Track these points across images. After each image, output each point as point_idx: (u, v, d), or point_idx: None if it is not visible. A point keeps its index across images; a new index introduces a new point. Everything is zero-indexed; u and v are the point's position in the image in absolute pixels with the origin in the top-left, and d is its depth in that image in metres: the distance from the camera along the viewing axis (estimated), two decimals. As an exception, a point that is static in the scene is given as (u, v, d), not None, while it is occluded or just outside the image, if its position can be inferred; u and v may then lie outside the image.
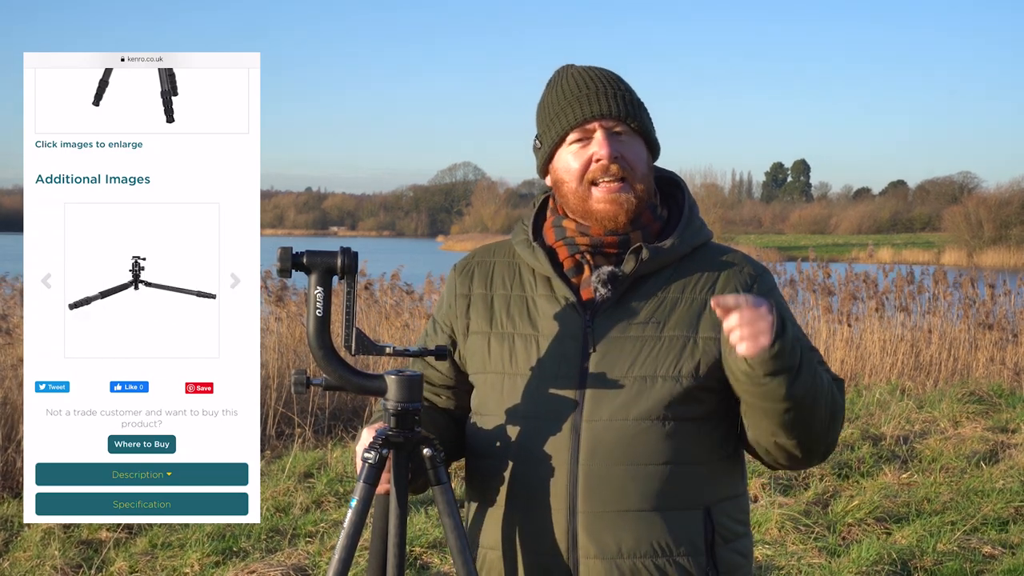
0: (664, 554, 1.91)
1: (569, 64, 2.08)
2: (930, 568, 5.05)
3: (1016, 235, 43.11)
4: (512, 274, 2.09)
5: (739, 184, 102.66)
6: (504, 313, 2.05)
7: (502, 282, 2.09)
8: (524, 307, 2.04)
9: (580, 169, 1.98)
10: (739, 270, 2.03)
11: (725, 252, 2.07)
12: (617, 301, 1.98)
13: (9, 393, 7.03)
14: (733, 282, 2.00)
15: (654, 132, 2.05)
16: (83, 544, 5.35)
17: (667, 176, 2.12)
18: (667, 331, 1.96)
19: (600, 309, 1.98)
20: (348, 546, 1.89)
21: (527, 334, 2.01)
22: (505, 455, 1.98)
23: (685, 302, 1.98)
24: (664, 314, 1.97)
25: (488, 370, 2.03)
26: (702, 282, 2.00)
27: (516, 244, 2.09)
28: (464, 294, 2.11)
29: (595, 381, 1.94)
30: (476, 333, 2.07)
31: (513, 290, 2.07)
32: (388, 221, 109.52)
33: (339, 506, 6.11)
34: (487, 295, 2.09)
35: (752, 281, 2.01)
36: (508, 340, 2.02)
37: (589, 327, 1.97)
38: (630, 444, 1.90)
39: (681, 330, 1.95)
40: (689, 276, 2.01)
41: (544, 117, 2.05)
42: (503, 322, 2.04)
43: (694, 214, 2.07)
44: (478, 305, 2.08)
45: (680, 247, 2.01)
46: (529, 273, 2.07)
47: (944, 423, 8.27)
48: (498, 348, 2.03)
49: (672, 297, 1.99)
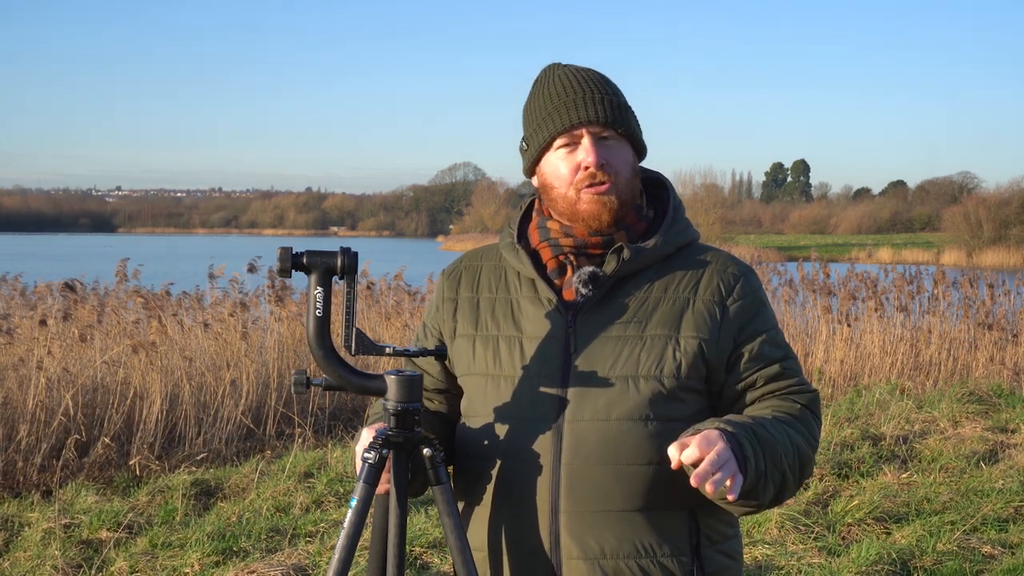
0: (647, 555, 1.91)
1: (556, 63, 2.08)
2: (930, 568, 5.05)
3: (1016, 235, 43.12)
4: (498, 277, 2.10)
5: (739, 184, 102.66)
6: (489, 315, 2.06)
7: (488, 285, 2.10)
8: (509, 309, 2.04)
9: (569, 175, 1.99)
10: (723, 269, 2.02)
11: (709, 252, 2.06)
12: (600, 301, 1.98)
13: (9, 393, 7.03)
14: (716, 281, 1.99)
15: (640, 135, 2.05)
16: (83, 544, 5.35)
17: (653, 177, 2.13)
18: (649, 330, 1.95)
19: (582, 309, 1.98)
20: (348, 546, 1.89)
21: (511, 336, 2.02)
22: (489, 456, 1.98)
23: (668, 301, 1.98)
24: (646, 313, 1.97)
25: (473, 372, 2.04)
26: (685, 281, 2.00)
27: (502, 247, 2.10)
28: (451, 298, 2.13)
29: (577, 381, 1.94)
30: (462, 336, 2.07)
31: (499, 293, 2.08)
32: (388, 221, 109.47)
33: (339, 506, 6.11)
34: (473, 298, 2.10)
35: (735, 281, 2.00)
36: (492, 342, 2.03)
37: (571, 327, 1.97)
38: (612, 444, 1.90)
39: (663, 329, 1.95)
40: (672, 275, 2.01)
41: (531, 120, 2.05)
42: (488, 324, 2.05)
43: (679, 214, 2.07)
44: (464, 308, 2.09)
45: (663, 247, 2.01)
46: (515, 276, 2.08)
47: (944, 423, 8.27)
48: (482, 350, 2.03)
49: (655, 296, 1.98)
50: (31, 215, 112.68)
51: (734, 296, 1.98)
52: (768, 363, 1.98)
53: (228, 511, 5.97)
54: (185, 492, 6.26)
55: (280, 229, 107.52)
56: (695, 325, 1.95)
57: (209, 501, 6.33)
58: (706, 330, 1.95)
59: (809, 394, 2.01)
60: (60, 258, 35.60)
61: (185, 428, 7.73)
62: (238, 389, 8.16)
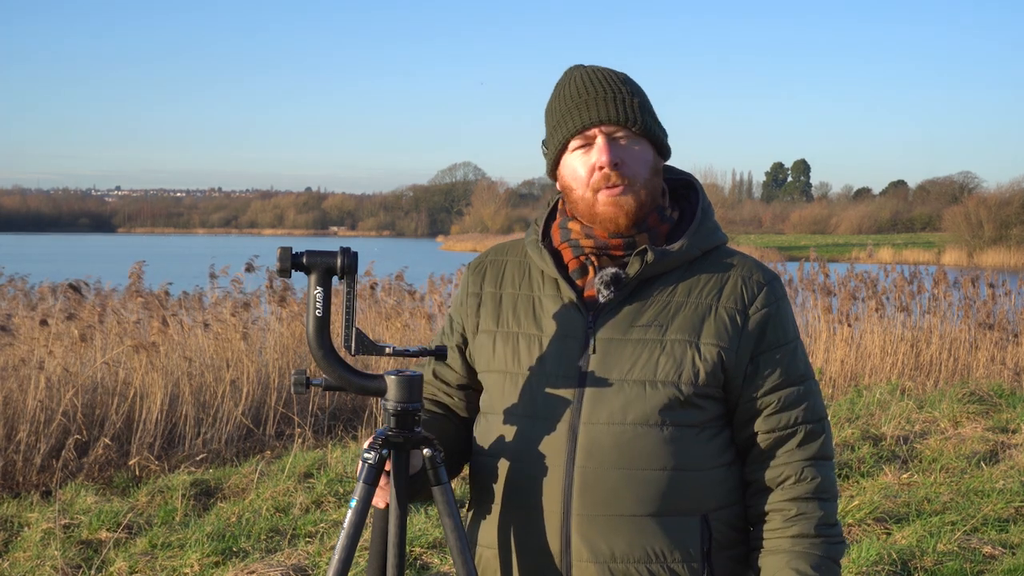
0: (658, 560, 1.90)
1: (577, 65, 2.06)
2: (930, 568, 5.04)
3: (1016, 235, 43.11)
4: (522, 273, 2.08)
5: (739, 184, 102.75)
6: (511, 312, 2.05)
7: (512, 281, 2.09)
8: (530, 307, 2.03)
9: (586, 176, 1.97)
10: (748, 276, 1.99)
11: (736, 256, 2.03)
12: (621, 303, 1.96)
13: (10, 393, 7.03)
14: (740, 288, 1.97)
15: (661, 134, 2.02)
16: (83, 544, 5.35)
17: (682, 178, 2.10)
18: (669, 335, 1.93)
19: (603, 311, 1.97)
20: (348, 546, 1.88)
21: (531, 334, 2.00)
22: (504, 453, 1.98)
23: (690, 306, 1.95)
24: (667, 318, 1.95)
25: (493, 368, 2.03)
26: (709, 286, 1.97)
27: (527, 244, 2.09)
28: (475, 293, 2.11)
29: (594, 382, 1.93)
30: (484, 332, 2.07)
31: (521, 289, 2.07)
32: (388, 221, 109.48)
33: (339, 506, 6.11)
34: (496, 294, 2.09)
35: (760, 289, 1.98)
36: (512, 339, 2.02)
37: (591, 328, 1.96)
38: (627, 448, 1.89)
39: (683, 335, 1.93)
40: (696, 280, 1.98)
41: (549, 122, 2.04)
42: (509, 321, 2.04)
43: (707, 216, 2.04)
44: (487, 304, 2.08)
45: (689, 250, 1.98)
46: (538, 273, 2.06)
47: (944, 423, 8.26)
48: (502, 347, 2.02)
49: (677, 301, 1.96)
50: (31, 215, 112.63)
51: (756, 305, 1.96)
52: (785, 383, 1.95)
53: (228, 511, 5.96)
54: (185, 492, 6.25)
55: (280, 229, 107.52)
56: (716, 332, 1.92)
57: (209, 501, 6.33)
58: (726, 338, 1.92)
59: (824, 465, 1.96)
60: (60, 258, 35.61)
61: (185, 428, 7.72)
62: (238, 389, 8.16)
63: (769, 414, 1.95)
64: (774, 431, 1.95)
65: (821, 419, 1.98)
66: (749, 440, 1.97)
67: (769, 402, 1.95)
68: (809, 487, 1.94)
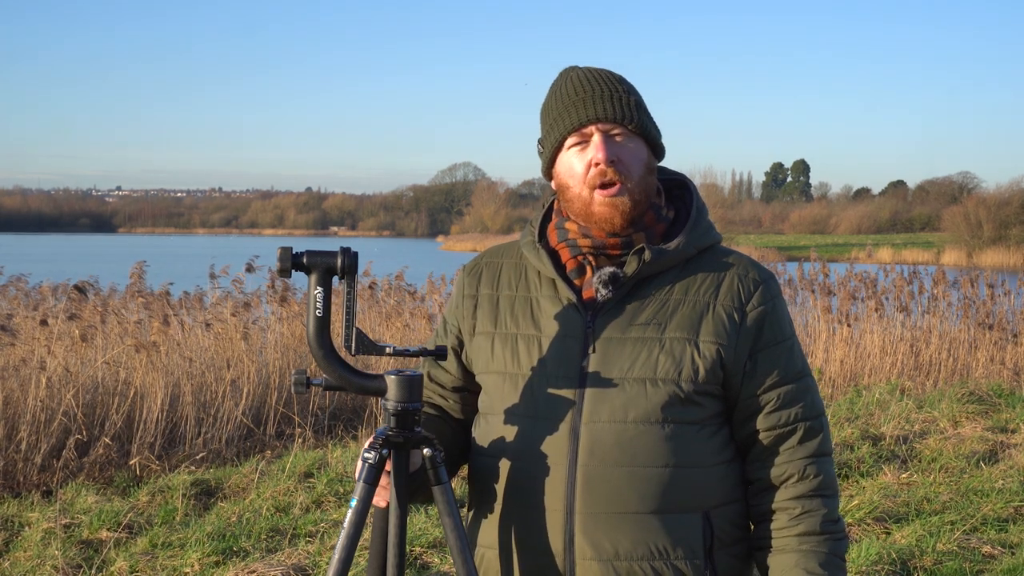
0: (661, 557, 1.91)
1: (573, 66, 2.08)
2: (930, 568, 5.05)
3: (1016, 235, 43.12)
4: (519, 275, 2.09)
5: (739, 184, 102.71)
6: (508, 313, 2.05)
7: (508, 283, 2.09)
8: (528, 308, 2.04)
9: (583, 174, 1.98)
10: (743, 274, 2.01)
11: (731, 255, 2.05)
12: (619, 302, 1.98)
13: (10, 393, 7.03)
14: (736, 286, 1.99)
15: (656, 133, 2.03)
16: (83, 544, 5.35)
17: (675, 178, 2.12)
18: (668, 333, 1.95)
19: (601, 310, 1.98)
20: (348, 546, 1.89)
21: (530, 334, 2.01)
22: (505, 454, 1.98)
23: (688, 304, 1.97)
24: (666, 316, 1.96)
25: (491, 370, 2.04)
26: (705, 285, 1.99)
27: (523, 246, 2.10)
28: (471, 295, 2.12)
29: (594, 381, 1.93)
30: (481, 333, 2.07)
31: (519, 291, 2.07)
32: (388, 221, 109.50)
33: (339, 506, 6.11)
34: (493, 295, 2.09)
35: (756, 287, 2.00)
36: (511, 340, 2.02)
37: (590, 327, 1.97)
38: (628, 446, 1.90)
39: (682, 333, 1.94)
40: (693, 278, 2.00)
41: (545, 121, 2.05)
42: (507, 322, 2.05)
43: (702, 216, 2.05)
44: (484, 306, 2.09)
45: (686, 248, 2.00)
46: (535, 274, 2.07)
47: (944, 423, 8.27)
48: (501, 348, 2.03)
49: (675, 299, 1.98)
50: (31, 215, 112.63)
51: (753, 303, 1.97)
52: (784, 380, 1.97)
53: (228, 511, 5.97)
54: (185, 492, 6.26)
55: (280, 229, 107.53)
56: (714, 330, 1.94)
57: (209, 501, 6.34)
58: (725, 335, 1.94)
59: (824, 461, 1.98)
60: (61, 258, 35.60)
61: (185, 428, 7.73)
62: (238, 389, 8.16)
63: (769, 411, 1.96)
64: (774, 428, 1.96)
65: (820, 415, 2.00)
66: (749, 438, 1.98)
67: (769, 399, 1.96)
68: (812, 484, 1.96)
